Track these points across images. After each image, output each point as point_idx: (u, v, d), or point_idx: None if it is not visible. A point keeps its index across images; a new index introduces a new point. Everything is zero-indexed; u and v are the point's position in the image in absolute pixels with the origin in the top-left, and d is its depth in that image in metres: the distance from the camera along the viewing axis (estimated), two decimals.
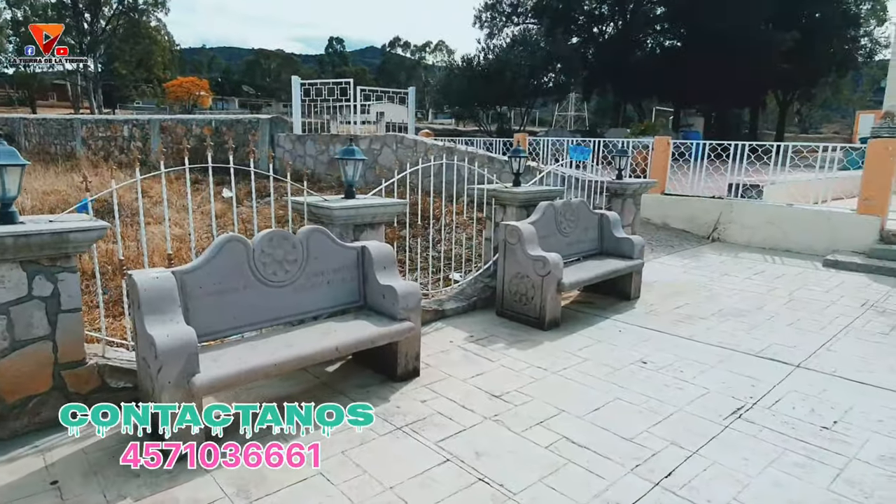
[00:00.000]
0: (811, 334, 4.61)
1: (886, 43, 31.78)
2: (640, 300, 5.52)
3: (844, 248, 7.62)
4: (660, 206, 9.54)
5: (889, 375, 3.80)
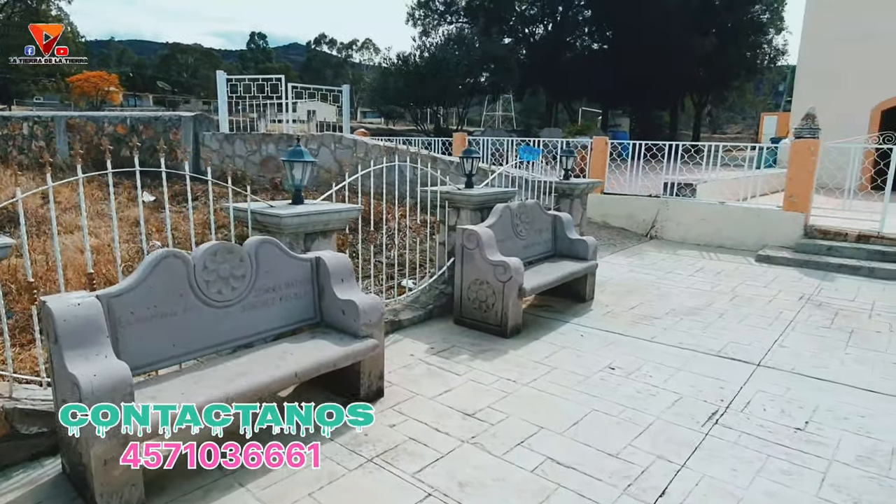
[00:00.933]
0: (762, 331, 4.71)
1: (784, 49, 34.60)
2: (596, 301, 5.48)
3: (773, 242, 8.01)
4: (600, 204, 9.68)
5: (842, 370, 3.91)
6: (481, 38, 20.60)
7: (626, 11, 21.54)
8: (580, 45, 25.24)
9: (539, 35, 24.18)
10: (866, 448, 2.88)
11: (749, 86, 41.45)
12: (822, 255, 7.35)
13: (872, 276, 6.69)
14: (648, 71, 22.28)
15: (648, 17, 21.18)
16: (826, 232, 7.74)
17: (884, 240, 7.33)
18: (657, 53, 21.77)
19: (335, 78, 59.02)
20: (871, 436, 3.00)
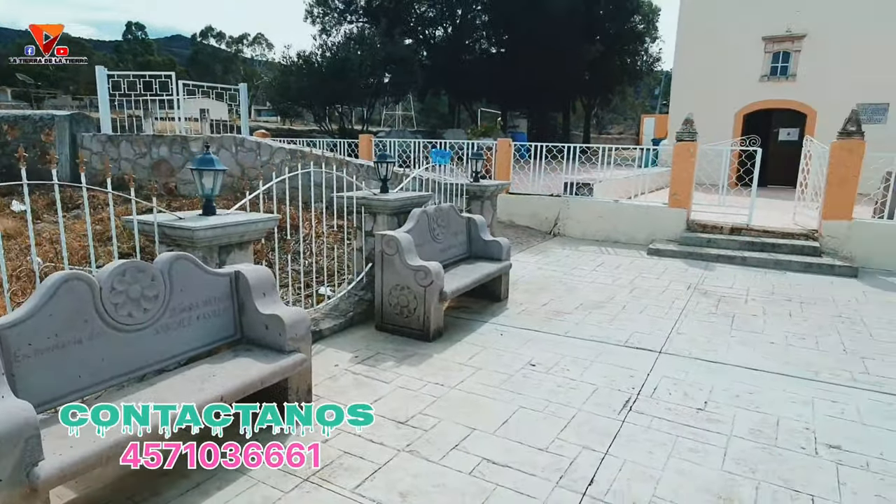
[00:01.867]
0: (660, 320, 5.14)
1: (659, 57, 37.78)
2: (511, 300, 5.69)
3: (661, 236, 8.73)
4: (506, 204, 10.01)
5: (728, 352, 4.37)
6: (383, 39, 20.50)
7: (521, 17, 22.45)
8: (479, 49, 25.93)
9: (439, 37, 24.52)
10: (757, 422, 3.25)
11: (630, 90, 44.90)
12: (704, 247, 8.14)
13: (745, 265, 7.52)
14: (543, 74, 23.40)
15: (541, 23, 22.23)
16: (705, 226, 8.58)
17: (752, 231, 8.26)
18: (550, 58, 22.91)
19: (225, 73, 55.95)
20: (759, 410, 3.39)
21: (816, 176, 8.15)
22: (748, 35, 15.76)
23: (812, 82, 15.17)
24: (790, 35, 15.30)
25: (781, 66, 15.61)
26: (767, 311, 5.49)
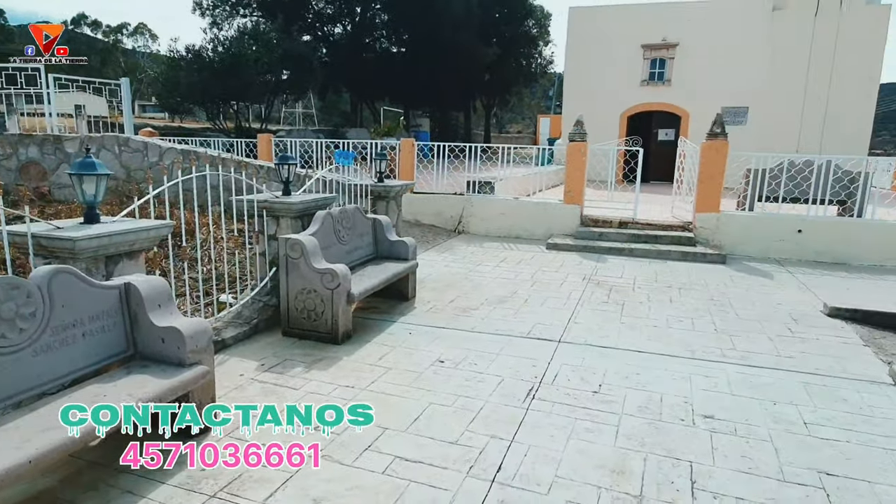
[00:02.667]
0: (559, 311, 5.46)
1: (552, 60, 39.75)
2: (418, 298, 5.77)
3: (558, 231, 9.24)
4: (411, 204, 10.10)
5: (619, 337, 4.75)
6: (280, 35, 19.75)
7: (419, 17, 22.66)
8: (380, 47, 25.82)
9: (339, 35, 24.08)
10: (643, 399, 3.57)
11: (526, 91, 46.81)
12: (596, 241, 8.71)
13: (632, 256, 8.16)
14: (443, 75, 23.81)
15: (439, 24, 22.58)
16: (597, 220, 9.19)
17: (637, 224, 8.97)
18: (449, 59, 23.35)
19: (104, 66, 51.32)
20: (645, 389, 3.73)
21: (690, 173, 9.01)
22: (629, 42, 17.02)
23: (684, 87, 16.68)
24: (665, 43, 16.72)
25: (658, 72, 17.04)
26: (651, 297, 6.01)
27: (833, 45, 15.38)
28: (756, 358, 4.35)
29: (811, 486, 2.70)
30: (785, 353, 4.45)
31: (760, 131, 16.05)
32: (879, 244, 7.80)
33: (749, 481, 2.73)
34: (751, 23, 16.12)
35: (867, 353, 4.56)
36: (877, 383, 3.95)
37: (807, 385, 3.87)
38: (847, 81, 15.42)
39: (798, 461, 2.92)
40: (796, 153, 14.61)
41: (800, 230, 8.06)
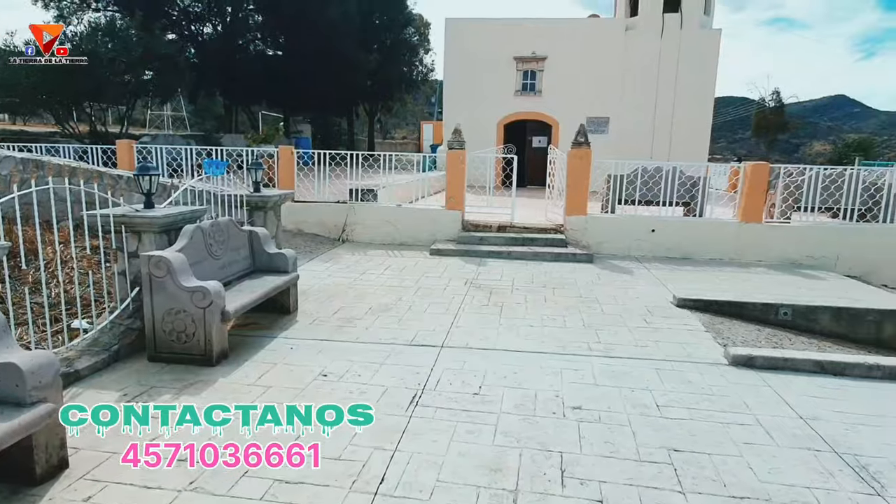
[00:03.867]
0: (442, 316, 5.60)
1: (432, 67, 40.63)
2: (301, 311, 5.63)
3: (441, 237, 9.46)
4: (292, 213, 9.81)
5: (499, 339, 4.98)
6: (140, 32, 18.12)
7: (295, 21, 22.06)
8: (254, 49, 24.70)
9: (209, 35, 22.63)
10: (519, 397, 3.79)
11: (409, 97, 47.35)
12: (477, 245, 9.04)
13: (511, 258, 8.57)
14: (323, 80, 23.37)
15: (316, 28, 22.14)
16: (477, 225, 9.54)
17: (515, 228, 9.44)
18: (328, 64, 22.98)
19: None
20: (521, 387, 3.95)
21: (559, 179, 9.66)
22: (503, 54, 17.89)
23: (554, 98, 17.86)
24: (535, 57, 17.79)
25: (531, 83, 18.08)
26: (528, 298, 6.37)
27: (676, 64, 17.32)
28: (617, 349, 4.78)
29: (662, 463, 3.03)
30: (641, 343, 4.94)
31: (620, 139, 17.61)
32: (717, 240, 8.90)
33: (611, 464, 3.00)
34: (608, 41, 17.66)
35: (708, 338, 5.19)
36: (715, 364, 4.52)
37: (659, 371, 4.33)
38: (688, 95, 17.43)
39: (652, 442, 3.25)
40: (650, 160, 16.23)
41: (653, 230, 8.97)
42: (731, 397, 3.91)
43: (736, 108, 73.94)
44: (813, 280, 7.83)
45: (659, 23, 17.39)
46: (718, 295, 6.50)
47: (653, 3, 17.49)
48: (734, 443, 3.27)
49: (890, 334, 5.90)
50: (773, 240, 8.79)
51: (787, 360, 4.46)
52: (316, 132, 29.83)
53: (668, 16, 17.34)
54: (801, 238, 8.75)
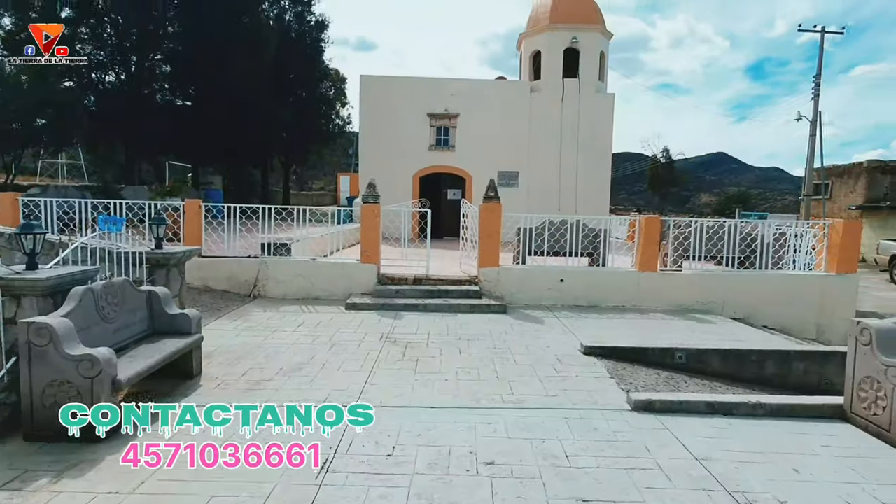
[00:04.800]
0: (356, 374, 5.50)
1: (349, 120, 41.21)
2: (205, 375, 5.32)
3: (357, 291, 9.37)
4: (199, 269, 9.37)
5: (413, 395, 4.95)
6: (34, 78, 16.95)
7: (208, 72, 21.71)
8: (162, 99, 23.87)
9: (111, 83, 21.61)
10: (433, 455, 3.76)
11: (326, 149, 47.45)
12: (393, 298, 9.04)
13: (426, 311, 8.62)
14: (236, 131, 22.94)
15: (230, 80, 21.90)
16: (393, 278, 9.57)
17: (430, 280, 9.56)
18: (242, 115, 22.66)
19: None
20: (435, 444, 3.93)
21: (472, 231, 9.97)
22: (418, 110, 18.52)
23: (467, 152, 18.60)
24: (447, 114, 18.56)
25: (444, 138, 18.75)
26: (443, 350, 6.41)
27: (576, 124, 18.70)
28: (529, 399, 4.90)
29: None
30: (551, 392, 5.10)
31: (530, 192, 18.54)
32: (619, 288, 9.47)
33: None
34: (515, 101, 18.81)
35: (612, 384, 5.45)
36: (619, 410, 4.74)
37: (568, 420, 4.47)
38: (589, 153, 18.79)
39: (562, 493, 3.33)
40: (558, 212, 17.17)
41: (562, 279, 9.41)
42: (633, 442, 4.10)
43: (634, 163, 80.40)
44: (704, 324, 8.49)
45: (560, 87, 18.79)
46: (622, 341, 6.88)
47: (553, 69, 18.92)
48: (637, 488, 3.42)
49: (770, 373, 6.48)
50: (668, 287, 9.49)
51: (682, 402, 4.76)
52: (228, 184, 28.94)
53: (567, 80, 18.80)
54: (691, 285, 9.51)
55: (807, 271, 10.08)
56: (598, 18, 19.32)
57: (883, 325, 4.52)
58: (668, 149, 51.16)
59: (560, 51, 18.87)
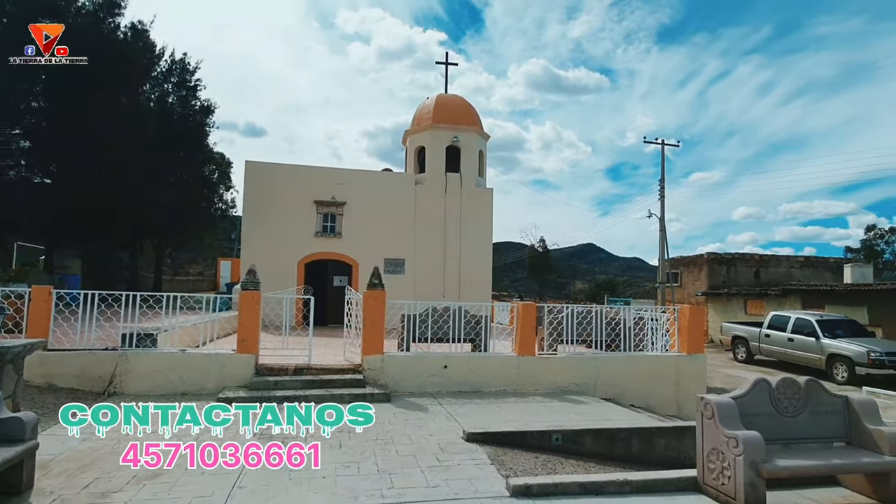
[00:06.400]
0: (224, 477, 5.05)
1: (233, 204, 40.10)
2: (37, 489, 4.60)
3: (232, 384, 8.76)
4: (42, 364, 8.30)
5: (287, 496, 4.63)
6: None
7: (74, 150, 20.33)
8: (15, 175, 21.71)
9: None
10: None
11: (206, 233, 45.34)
12: (272, 390, 8.55)
13: (308, 403, 8.22)
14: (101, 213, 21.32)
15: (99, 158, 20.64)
16: (272, 368, 9.10)
17: (312, 370, 9.21)
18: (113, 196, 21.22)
19: None
20: None
21: (357, 318, 9.89)
22: (304, 197, 18.55)
23: (353, 240, 18.74)
24: (334, 202, 18.78)
25: (330, 226, 18.81)
26: (323, 444, 6.11)
27: (459, 215, 19.75)
28: (410, 493, 4.78)
29: None
30: (433, 483, 5.03)
31: (415, 280, 18.90)
32: (500, 373, 9.76)
33: None
34: (401, 192, 19.56)
35: (493, 471, 5.49)
36: (498, 497, 4.78)
37: None
38: (471, 243, 19.76)
39: None
40: (443, 298, 17.59)
41: (445, 365, 9.52)
42: None
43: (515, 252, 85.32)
44: (578, 405, 8.93)
45: (442, 180, 19.92)
46: (503, 426, 7.02)
47: (436, 164, 20.10)
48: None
49: (636, 449, 6.91)
50: (545, 370, 9.96)
51: (557, 484, 4.92)
52: (90, 268, 26.32)
53: (449, 175, 20.01)
54: (566, 367, 10.06)
55: (664, 352, 11.11)
56: (476, 121, 21.10)
57: (722, 400, 5.09)
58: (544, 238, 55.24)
59: (443, 147, 20.18)
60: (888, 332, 19.01)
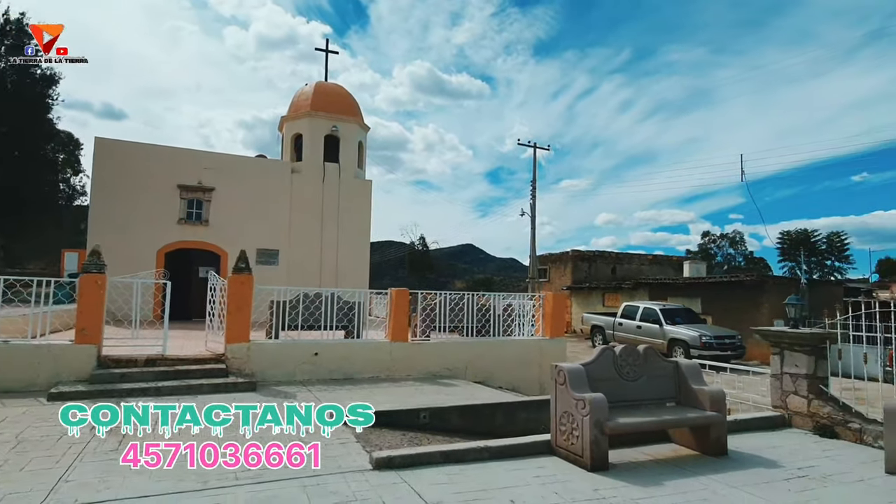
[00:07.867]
0: (48, 472, 4.46)
1: (83, 191, 35.77)
2: None
3: (68, 377, 7.80)
4: None
5: (123, 484, 4.20)
6: None
7: None
8: None
9: None
10: None
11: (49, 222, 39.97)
12: (117, 383, 7.73)
13: (160, 394, 7.56)
14: None
15: None
16: (119, 360, 8.24)
17: (167, 361, 8.49)
18: None
19: None
20: None
21: (220, 306, 9.28)
22: (165, 181, 17.04)
23: (222, 229, 17.58)
24: (201, 187, 17.48)
25: (196, 212, 17.48)
26: (174, 434, 5.63)
27: (337, 206, 19.32)
28: (268, 472, 4.56)
29: None
30: (293, 462, 4.84)
31: (290, 272, 18.17)
32: (373, 359, 9.69)
33: None
34: (276, 179, 18.70)
35: (358, 448, 5.42)
36: (360, 471, 4.71)
37: (306, 488, 4.27)
38: (348, 234, 19.42)
39: None
40: None
41: (316, 353, 9.25)
42: (370, 500, 4.09)
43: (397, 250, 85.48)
44: (449, 387, 9.13)
45: (320, 170, 19.38)
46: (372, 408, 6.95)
47: (315, 152, 19.51)
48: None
49: (500, 423, 7.20)
50: (418, 356, 10.06)
51: (419, 454, 4.97)
52: None
53: (328, 164, 19.51)
54: (438, 353, 10.24)
55: (529, 336, 11.74)
56: (356, 112, 20.80)
57: (573, 367, 5.47)
58: (424, 237, 55.89)
59: (321, 136, 19.63)
60: (717, 319, 21.76)
